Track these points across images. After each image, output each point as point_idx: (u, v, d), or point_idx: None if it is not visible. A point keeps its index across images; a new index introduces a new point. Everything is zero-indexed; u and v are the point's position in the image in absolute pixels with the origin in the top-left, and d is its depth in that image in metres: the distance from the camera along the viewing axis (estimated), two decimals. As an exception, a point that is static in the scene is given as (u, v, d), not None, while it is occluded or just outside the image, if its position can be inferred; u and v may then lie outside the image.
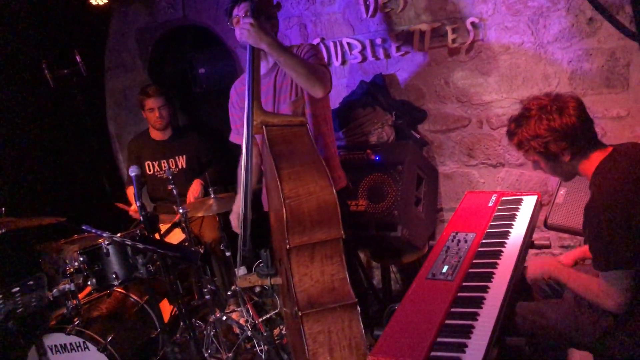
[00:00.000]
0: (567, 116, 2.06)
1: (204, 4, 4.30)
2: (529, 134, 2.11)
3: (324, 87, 2.53)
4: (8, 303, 2.15)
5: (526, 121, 2.13)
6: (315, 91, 2.53)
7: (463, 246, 2.42)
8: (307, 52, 2.68)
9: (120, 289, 3.42)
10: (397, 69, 3.66)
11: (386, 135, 3.51)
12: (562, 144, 2.07)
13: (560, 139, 2.07)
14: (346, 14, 3.69)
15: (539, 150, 2.12)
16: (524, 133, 2.13)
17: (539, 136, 2.08)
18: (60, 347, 3.06)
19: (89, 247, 3.04)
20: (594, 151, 2.11)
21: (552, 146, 2.08)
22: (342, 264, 2.40)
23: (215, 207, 3.40)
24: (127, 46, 4.83)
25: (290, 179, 2.32)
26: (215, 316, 3.31)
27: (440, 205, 3.80)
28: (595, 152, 2.11)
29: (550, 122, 2.06)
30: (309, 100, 2.73)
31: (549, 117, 2.07)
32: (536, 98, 2.16)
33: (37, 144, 4.24)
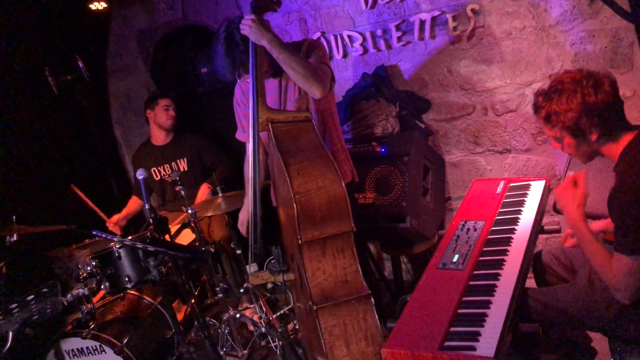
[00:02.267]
0: (603, 93, 1.97)
1: (203, 3, 4.30)
2: (561, 108, 2.00)
3: (322, 88, 2.52)
4: (24, 311, 2.17)
5: (558, 94, 2.02)
6: (313, 91, 2.53)
7: (473, 234, 2.41)
8: (309, 49, 2.68)
9: (134, 291, 3.44)
10: (399, 60, 3.65)
11: (391, 126, 3.50)
12: (593, 120, 1.98)
13: (592, 116, 1.97)
14: (345, 6, 3.68)
15: (568, 125, 2.02)
16: (554, 106, 2.02)
17: (570, 110, 1.98)
18: (77, 351, 3.09)
19: (101, 252, 3.07)
20: (623, 132, 2.03)
21: (582, 122, 1.99)
22: (353, 257, 2.41)
23: (223, 206, 3.41)
24: (129, 49, 4.84)
25: (298, 174, 2.33)
26: (229, 314, 3.33)
27: (448, 194, 3.79)
28: (625, 134, 2.03)
29: (585, 96, 1.96)
30: (312, 98, 2.73)
31: (584, 92, 1.97)
32: (568, 72, 2.06)
33: (44, 151, 4.26)
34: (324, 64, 2.64)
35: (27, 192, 3.95)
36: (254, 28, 2.43)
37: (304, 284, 2.40)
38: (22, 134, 4.09)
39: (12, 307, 2.12)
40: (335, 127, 2.88)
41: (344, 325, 2.35)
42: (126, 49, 4.85)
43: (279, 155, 2.38)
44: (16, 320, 2.16)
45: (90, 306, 3.09)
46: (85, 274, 3.08)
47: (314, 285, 2.37)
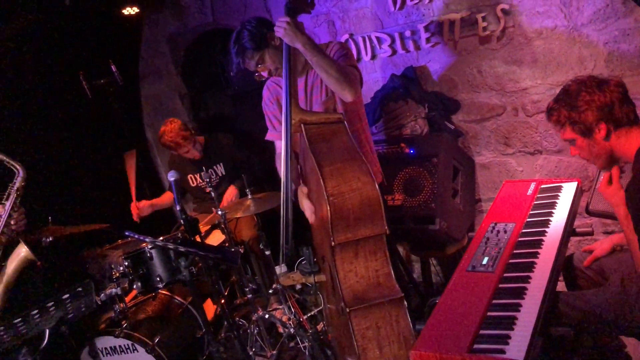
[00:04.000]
0: (606, 91, 2.05)
1: (232, 7, 4.35)
2: (567, 107, 2.10)
3: (354, 92, 2.53)
4: (60, 310, 2.23)
5: (565, 96, 2.12)
6: (345, 95, 2.54)
7: (503, 236, 2.39)
8: (337, 52, 2.68)
9: (165, 291, 3.50)
10: (427, 61, 3.63)
11: (420, 127, 3.49)
12: (599, 115, 2.04)
13: (597, 111, 2.04)
14: (374, 8, 3.68)
15: (574, 121, 2.09)
16: (562, 108, 2.12)
17: (575, 107, 2.07)
18: (110, 349, 3.16)
19: (133, 252, 3.12)
20: (633, 129, 2.06)
21: (588, 119, 2.05)
22: (386, 260, 2.40)
23: (253, 207, 3.44)
24: (160, 53, 4.92)
25: (332, 176, 2.33)
26: (258, 314, 3.36)
27: (478, 196, 3.76)
28: (636, 131, 2.06)
29: (588, 94, 2.05)
30: (340, 99, 2.74)
31: (588, 90, 2.06)
32: (576, 77, 2.16)
33: (78, 153, 4.36)
34: (352, 66, 2.65)
35: (62, 194, 4.04)
36: (288, 30, 2.45)
37: (336, 285, 2.40)
38: (58, 138, 4.19)
39: (49, 306, 2.18)
40: (363, 129, 2.88)
41: (376, 327, 2.34)
42: (157, 53, 4.93)
43: (312, 156, 2.38)
44: (53, 318, 2.22)
45: (123, 305, 3.16)
46: (118, 274, 3.14)
47: (346, 287, 2.37)
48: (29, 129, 3.95)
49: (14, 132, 3.72)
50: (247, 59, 2.72)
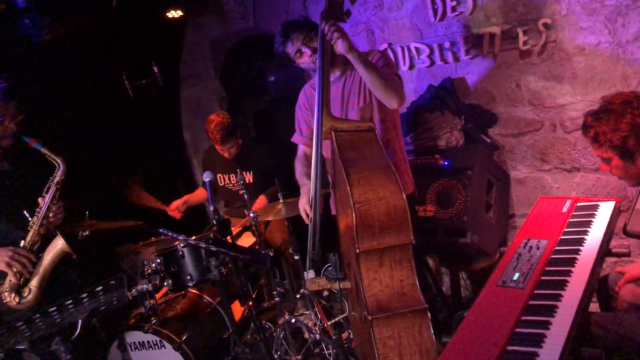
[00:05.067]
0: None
1: (274, 13, 4.41)
2: (609, 127, 2.02)
3: (400, 99, 2.55)
4: (92, 301, 2.29)
5: (607, 114, 2.04)
6: (392, 103, 2.55)
7: (535, 253, 2.35)
8: (379, 61, 2.69)
9: (195, 290, 3.55)
10: (466, 73, 3.61)
11: (455, 139, 3.46)
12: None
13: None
14: (414, 18, 3.68)
15: (615, 145, 2.02)
16: (603, 126, 2.04)
17: (618, 130, 1.99)
18: (138, 344, 3.21)
19: (166, 250, 3.18)
20: None
21: (630, 143, 1.98)
22: (411, 269, 2.39)
23: (284, 212, 3.47)
24: (201, 56, 5.01)
25: (359, 183, 2.34)
26: (285, 318, 3.38)
27: (512, 211, 3.70)
28: None
29: (634, 117, 1.98)
30: (378, 107, 2.74)
31: (634, 112, 1.99)
32: (619, 93, 2.08)
33: (118, 151, 4.46)
34: (395, 74, 2.66)
35: (100, 190, 4.14)
36: (344, 39, 2.46)
37: (359, 293, 2.40)
38: (98, 135, 4.30)
39: (83, 297, 2.23)
40: (397, 139, 2.88)
41: (398, 337, 2.33)
42: (199, 56, 5.03)
43: (341, 163, 2.39)
44: (85, 309, 2.28)
45: (153, 302, 3.21)
46: (149, 271, 3.21)
47: (370, 296, 2.37)
48: (71, 125, 4.06)
49: (57, 127, 3.83)
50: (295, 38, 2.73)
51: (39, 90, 3.60)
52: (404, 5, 3.70)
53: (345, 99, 2.79)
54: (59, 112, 3.96)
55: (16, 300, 2.60)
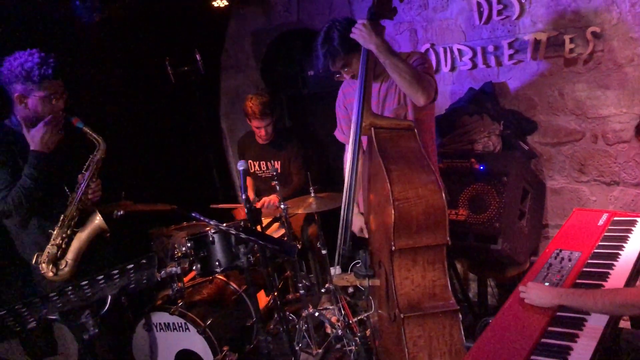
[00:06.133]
0: None
1: (317, 9, 4.42)
2: None
3: (426, 95, 2.51)
4: (123, 278, 2.34)
5: None
6: (418, 98, 2.52)
7: (567, 264, 2.32)
8: (417, 60, 2.68)
9: (222, 277, 3.60)
10: (508, 78, 3.56)
11: (492, 144, 3.42)
12: None
13: None
14: (458, 20, 3.65)
15: None
16: None
17: None
18: (164, 325, 3.28)
19: (197, 234, 3.24)
20: None
21: None
22: (444, 271, 2.38)
23: (314, 206, 3.48)
24: (243, 47, 5.06)
25: (399, 181, 2.33)
26: (308, 311, 3.40)
27: (545, 221, 3.64)
28: None
29: None
30: (412, 108, 2.73)
31: None
32: None
33: (156, 135, 4.54)
34: (429, 74, 2.63)
35: (137, 172, 4.23)
36: (363, 32, 2.48)
37: (390, 291, 2.40)
38: (139, 118, 4.39)
39: (114, 273, 2.29)
40: (429, 142, 2.85)
41: (429, 337, 2.33)
42: (241, 47, 5.08)
43: (380, 160, 2.38)
44: (116, 285, 2.33)
45: (181, 285, 3.27)
46: (179, 254, 3.27)
47: (401, 294, 2.37)
48: (113, 107, 4.15)
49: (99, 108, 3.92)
50: (336, 61, 2.72)
51: (84, 71, 3.69)
52: (450, 7, 3.67)
53: (382, 99, 2.79)
54: (102, 92, 4.05)
55: (53, 271, 2.69)
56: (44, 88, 2.64)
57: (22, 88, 2.63)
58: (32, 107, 2.67)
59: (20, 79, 2.60)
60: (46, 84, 2.64)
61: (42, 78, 2.61)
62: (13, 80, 2.62)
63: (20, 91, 2.64)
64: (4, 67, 2.63)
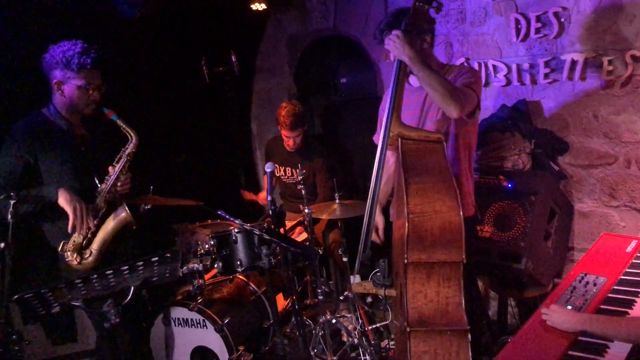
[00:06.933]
0: None
1: (354, 17, 4.43)
2: None
3: (459, 109, 2.48)
4: (147, 270, 2.37)
5: None
6: (450, 112, 2.50)
7: (591, 289, 2.28)
8: (464, 74, 2.66)
9: (242, 276, 3.62)
10: (542, 97, 3.52)
11: (522, 162, 3.39)
12: None
13: None
14: (495, 35, 3.63)
15: None
16: None
17: None
18: (182, 320, 3.31)
19: (220, 233, 3.26)
20: None
21: None
22: (458, 288, 2.34)
23: (338, 212, 3.49)
24: (278, 51, 5.10)
25: (417, 194, 2.31)
26: (326, 318, 3.39)
27: (571, 244, 3.58)
28: None
29: None
30: (454, 122, 2.71)
31: None
32: None
33: (187, 132, 4.60)
34: (471, 88, 2.60)
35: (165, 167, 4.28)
36: (397, 43, 2.49)
37: (403, 303, 2.39)
38: (171, 114, 4.45)
39: (139, 265, 2.32)
40: (468, 158, 2.82)
41: (434, 353, 2.29)
42: (275, 50, 5.12)
43: (402, 171, 2.39)
44: (139, 277, 2.36)
45: (202, 282, 3.30)
46: (202, 251, 3.30)
47: (413, 308, 2.34)
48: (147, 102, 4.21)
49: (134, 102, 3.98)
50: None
51: (123, 65, 3.76)
52: (487, 22, 3.65)
53: (425, 109, 2.76)
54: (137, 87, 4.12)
55: (77, 260, 2.73)
56: (81, 77, 2.70)
57: (61, 75, 2.70)
58: (68, 94, 2.74)
59: (60, 66, 2.68)
60: (84, 73, 2.70)
61: (80, 67, 2.68)
62: (53, 66, 2.69)
63: (59, 78, 2.71)
64: (47, 53, 2.71)
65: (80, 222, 2.69)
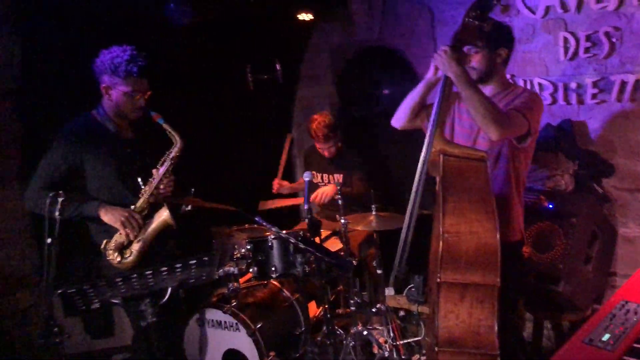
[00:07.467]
0: None
1: (400, 29, 4.44)
2: None
3: (499, 133, 2.42)
4: (184, 272, 2.43)
5: None
6: (490, 133, 2.44)
7: (632, 317, 2.21)
8: (520, 98, 2.60)
9: (276, 282, 3.65)
10: (588, 117, 3.46)
11: (565, 183, 3.33)
12: None
13: None
14: (542, 53, 3.58)
15: None
16: None
17: None
18: (215, 322, 3.36)
19: (257, 238, 3.30)
20: None
21: None
22: (492, 312, 2.29)
23: (374, 224, 3.49)
24: (322, 60, 5.14)
25: (454, 213, 2.28)
26: (357, 329, 3.39)
27: (613, 269, 3.49)
28: None
29: None
30: (508, 144, 2.63)
31: None
32: None
33: (228, 138, 4.67)
34: (522, 114, 2.52)
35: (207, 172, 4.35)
36: (443, 58, 2.46)
37: (434, 321, 2.37)
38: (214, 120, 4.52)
39: (177, 266, 2.38)
40: (518, 182, 2.72)
41: None
42: (320, 59, 5.16)
43: (441, 188, 2.36)
44: (176, 278, 2.42)
45: (236, 285, 3.35)
46: (238, 255, 3.35)
47: (444, 327, 2.31)
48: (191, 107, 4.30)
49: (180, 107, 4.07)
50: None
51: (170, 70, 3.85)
52: (535, 39, 3.61)
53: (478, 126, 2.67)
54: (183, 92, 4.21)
55: (118, 259, 2.81)
56: (127, 84, 2.79)
57: (109, 80, 2.80)
58: (114, 99, 2.83)
59: (108, 71, 2.77)
60: (130, 80, 2.79)
61: (127, 74, 2.76)
62: (103, 71, 2.79)
63: (107, 82, 2.81)
64: (98, 58, 2.81)
65: (131, 230, 2.79)
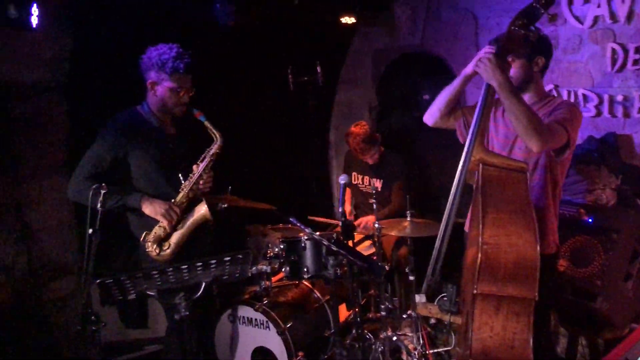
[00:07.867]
0: None
1: (442, 35, 4.42)
2: None
3: (541, 144, 2.35)
4: (218, 268, 2.47)
5: None
6: (531, 144, 2.38)
7: (671, 338, 2.15)
8: (558, 108, 2.54)
9: (308, 283, 3.68)
10: (635, 131, 3.37)
11: (606, 198, 3.25)
12: None
13: None
14: (588, 64, 3.51)
15: None
16: None
17: None
18: (247, 319, 3.40)
19: (291, 238, 3.33)
20: None
21: None
22: (527, 326, 2.26)
23: (408, 230, 3.47)
24: (363, 64, 5.15)
25: (493, 224, 2.25)
26: (387, 334, 3.38)
27: (654, 288, 3.39)
28: None
29: None
30: (545, 155, 2.57)
31: None
32: None
33: (267, 138, 4.73)
34: (562, 125, 2.45)
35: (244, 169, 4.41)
36: (488, 66, 2.39)
37: (468, 333, 2.34)
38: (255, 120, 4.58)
39: (211, 262, 2.42)
40: (554, 194, 2.66)
41: None
42: (360, 63, 5.17)
43: (480, 198, 2.32)
44: (211, 274, 2.47)
45: (269, 284, 3.39)
46: (272, 254, 3.38)
47: (477, 339, 2.28)
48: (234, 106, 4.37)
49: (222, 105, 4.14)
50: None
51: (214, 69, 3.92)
52: (581, 50, 3.54)
53: (516, 136, 2.62)
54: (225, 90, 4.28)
55: (156, 251, 2.88)
56: (173, 80, 2.86)
57: (155, 76, 2.87)
58: (160, 94, 2.90)
59: (155, 68, 2.85)
60: (176, 76, 2.85)
61: (173, 70, 2.83)
62: (150, 67, 2.87)
63: (153, 78, 2.88)
64: (145, 55, 2.89)
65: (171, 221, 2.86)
